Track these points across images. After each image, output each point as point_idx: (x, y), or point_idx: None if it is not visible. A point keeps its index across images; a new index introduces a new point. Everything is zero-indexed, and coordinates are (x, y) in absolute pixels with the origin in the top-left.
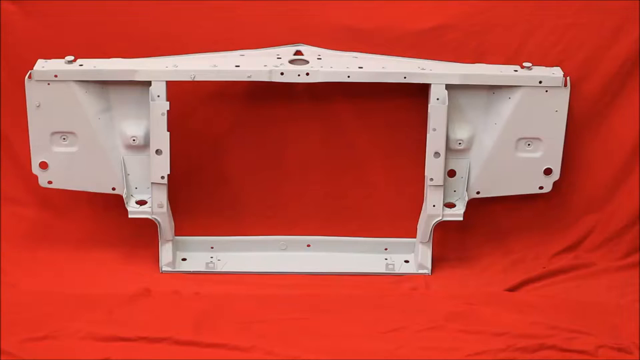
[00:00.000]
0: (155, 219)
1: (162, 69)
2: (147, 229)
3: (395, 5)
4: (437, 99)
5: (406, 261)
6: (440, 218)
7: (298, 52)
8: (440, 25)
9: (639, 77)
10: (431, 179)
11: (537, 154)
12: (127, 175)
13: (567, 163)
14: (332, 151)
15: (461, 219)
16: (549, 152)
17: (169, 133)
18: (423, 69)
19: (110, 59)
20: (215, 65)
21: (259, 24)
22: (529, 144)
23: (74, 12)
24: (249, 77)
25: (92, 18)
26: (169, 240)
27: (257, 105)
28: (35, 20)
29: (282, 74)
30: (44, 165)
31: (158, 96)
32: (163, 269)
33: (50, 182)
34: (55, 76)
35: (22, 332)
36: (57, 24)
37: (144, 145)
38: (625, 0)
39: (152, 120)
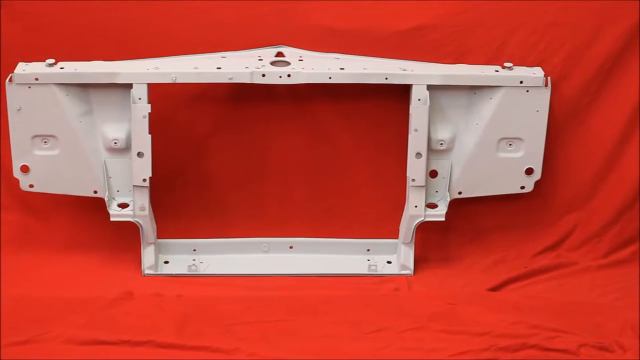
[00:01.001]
0: (137, 222)
1: (143, 71)
2: (129, 232)
3: (376, 6)
4: (419, 99)
5: (389, 262)
6: (423, 219)
7: (279, 54)
8: (422, 25)
9: (619, 77)
10: (413, 180)
11: (519, 154)
12: (108, 178)
13: (549, 163)
14: (315, 152)
15: (443, 219)
16: (530, 152)
17: (150, 135)
18: (404, 69)
19: (91, 62)
20: (196, 67)
21: (240, 25)
22: (510, 144)
23: (55, 15)
24: (230, 79)
25: (73, 21)
26: (151, 243)
27: (239, 107)
28: (16, 23)
29: (263, 75)
30: (25, 169)
31: (139, 99)
32: (145, 272)
33: (31, 186)
34: (36, 79)
35: (4, 336)
36: (38, 27)
37: (126, 148)
38: (604, 0)
39: (134, 123)
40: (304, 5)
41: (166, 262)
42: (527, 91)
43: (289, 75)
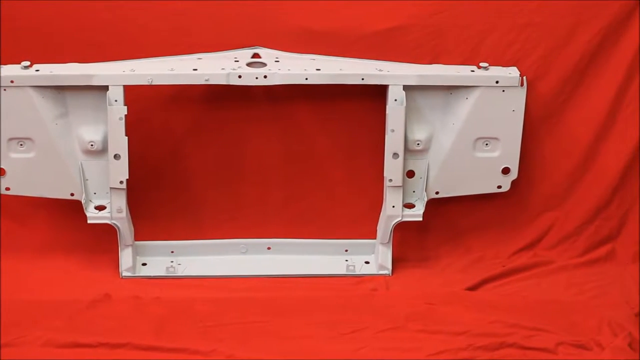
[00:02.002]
0: (114, 224)
1: (119, 73)
2: (107, 234)
3: (352, 7)
4: (395, 100)
5: (366, 262)
6: (400, 219)
7: (256, 55)
8: (397, 26)
9: (594, 76)
10: (390, 180)
11: (495, 154)
12: (85, 180)
13: (525, 162)
14: (292, 153)
15: (421, 219)
16: (507, 151)
17: (127, 137)
18: (380, 70)
19: (67, 64)
20: (172, 69)
21: (216, 27)
22: (486, 144)
23: (30, 17)
24: (206, 80)
25: (49, 23)
26: (128, 245)
27: (215, 108)
28: None
29: (239, 77)
30: (1, 172)
31: (115, 101)
32: (123, 274)
33: (7, 189)
34: (12, 82)
35: None
36: (13, 29)
37: (102, 150)
38: (579, 0)
39: (110, 125)
40: (280, 6)
41: (144, 264)
42: (503, 91)
43: (265, 77)
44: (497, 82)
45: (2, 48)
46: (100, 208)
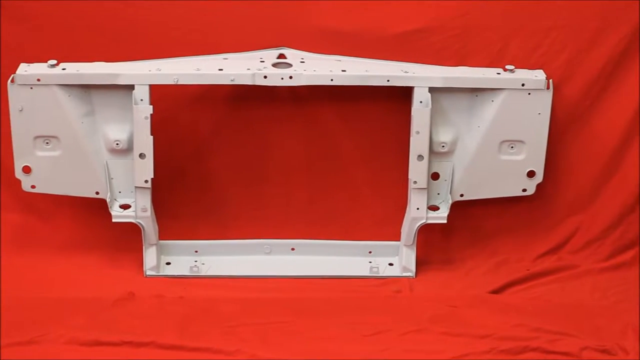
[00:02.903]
0: (139, 223)
1: (145, 72)
2: (131, 233)
3: (378, 8)
4: (420, 101)
5: (390, 264)
6: (424, 221)
7: (281, 56)
8: (423, 28)
9: (620, 79)
10: (415, 182)
11: (520, 157)
12: (110, 179)
13: (550, 165)
14: (316, 154)
15: (445, 221)
16: (532, 154)
17: (152, 137)
18: (406, 72)
19: (93, 63)
20: (198, 69)
21: (242, 27)
22: (512, 147)
23: (57, 16)
24: (232, 80)
25: (75, 22)
26: (153, 244)
27: (240, 108)
28: (18, 24)
29: (265, 77)
30: (27, 170)
31: (141, 100)
32: (147, 273)
33: (33, 187)
34: (38, 80)
35: (6, 336)
36: (40, 28)
37: (128, 149)
38: (605, 1)
39: (136, 124)
40: (306, 7)
41: (168, 264)
42: (529, 94)
43: (290, 77)
44: (523, 84)
45: (29, 47)
46: (125, 207)
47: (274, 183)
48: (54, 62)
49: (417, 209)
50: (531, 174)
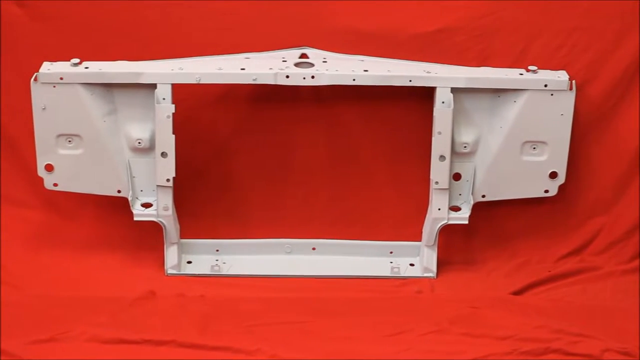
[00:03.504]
0: (160, 221)
1: (167, 71)
2: (153, 232)
3: (400, 8)
4: (443, 102)
5: (411, 264)
6: (446, 221)
7: (303, 55)
8: (446, 28)
9: None
10: (436, 182)
11: (543, 158)
12: (132, 177)
13: (573, 166)
14: (337, 154)
15: (466, 222)
16: (555, 155)
17: (174, 136)
18: (428, 72)
19: (116, 62)
20: (220, 68)
21: (264, 26)
22: (534, 148)
23: (80, 15)
24: (254, 79)
25: (98, 21)
26: (174, 243)
27: (262, 108)
28: (41, 23)
29: (287, 76)
30: (49, 168)
31: (163, 99)
32: (168, 272)
33: (55, 185)
34: (61, 79)
35: (27, 334)
36: (63, 27)
37: (150, 148)
38: (628, 2)
39: (158, 123)
40: (328, 7)
41: (189, 262)
42: (552, 95)
43: (312, 77)
44: (545, 85)
45: (52, 45)
46: (147, 205)
47: (295, 182)
48: (77, 60)
49: (439, 209)
50: (553, 175)
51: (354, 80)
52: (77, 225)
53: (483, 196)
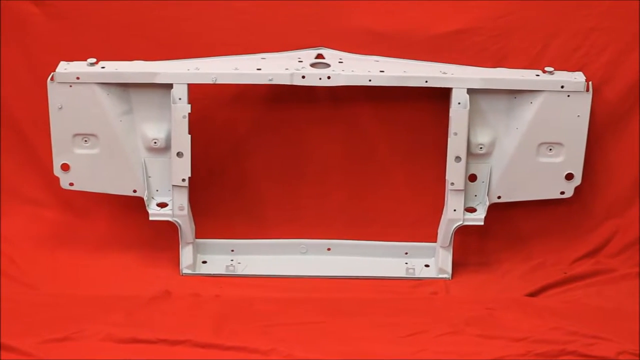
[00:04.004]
0: (176, 221)
1: (183, 71)
2: (168, 232)
3: (416, 9)
4: (459, 103)
5: (426, 265)
6: (461, 222)
7: (319, 56)
8: (462, 29)
9: None
10: (452, 183)
11: (559, 159)
12: (148, 177)
13: (589, 168)
14: (353, 155)
15: (482, 223)
16: (571, 157)
17: (190, 136)
18: (444, 73)
19: (132, 62)
20: (236, 68)
21: (280, 27)
22: (550, 149)
23: (97, 15)
24: (270, 80)
25: (114, 20)
26: (189, 243)
27: (278, 108)
28: (58, 22)
29: (303, 77)
30: (65, 167)
31: (179, 99)
32: (183, 272)
33: (71, 184)
34: (78, 78)
35: (42, 333)
36: (80, 27)
37: (165, 148)
38: None
39: (174, 123)
40: (344, 7)
41: (204, 262)
42: (568, 96)
43: (328, 77)
44: (562, 86)
45: (69, 45)
46: (162, 205)
47: (311, 183)
48: (93, 60)
49: (454, 210)
50: (569, 177)
51: (370, 80)
52: (92, 225)
53: (499, 197)
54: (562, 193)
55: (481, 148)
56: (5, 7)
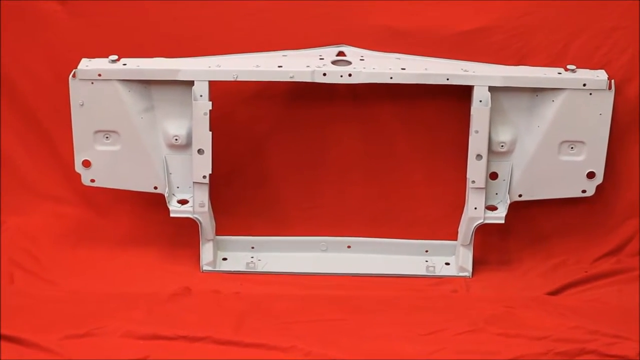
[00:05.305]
0: (196, 218)
1: (204, 68)
2: (188, 229)
3: (438, 7)
4: (480, 101)
5: (447, 263)
6: (482, 221)
7: (341, 53)
8: (483, 26)
9: None
10: (473, 182)
11: (580, 157)
12: (169, 174)
13: (611, 167)
14: (373, 152)
15: (503, 221)
16: (592, 155)
17: (211, 133)
18: (466, 70)
19: (154, 59)
20: (257, 66)
21: (301, 24)
22: (572, 147)
23: (118, 12)
24: (291, 77)
25: (136, 17)
26: (209, 240)
27: (299, 105)
28: (80, 19)
29: (324, 74)
30: (86, 164)
31: (201, 96)
32: (204, 269)
33: (92, 181)
34: (99, 75)
35: (63, 329)
36: (101, 24)
37: (186, 145)
38: None
39: (195, 120)
40: (365, 5)
41: (224, 259)
42: (590, 94)
43: (350, 75)
44: (584, 85)
45: (91, 42)
46: (183, 202)
47: (331, 180)
48: (115, 57)
49: (475, 208)
50: (591, 175)
51: (391, 78)
52: (113, 222)
53: (520, 196)
54: (584, 191)
55: (502, 146)
56: (28, 5)
